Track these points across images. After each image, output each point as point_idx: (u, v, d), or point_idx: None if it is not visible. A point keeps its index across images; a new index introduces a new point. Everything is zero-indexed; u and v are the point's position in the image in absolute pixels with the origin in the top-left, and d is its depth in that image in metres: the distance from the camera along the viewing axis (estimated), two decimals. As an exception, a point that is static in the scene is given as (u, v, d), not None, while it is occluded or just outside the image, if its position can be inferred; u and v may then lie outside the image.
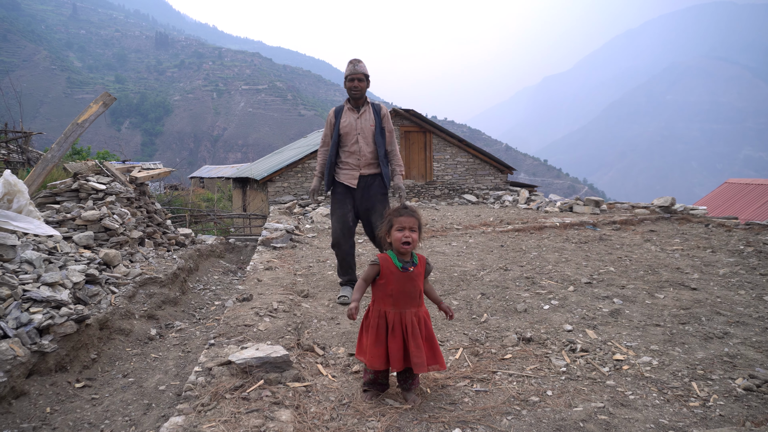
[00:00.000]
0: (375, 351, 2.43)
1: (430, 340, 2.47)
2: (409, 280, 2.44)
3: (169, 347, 4.55)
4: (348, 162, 4.33)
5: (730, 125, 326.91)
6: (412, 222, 2.45)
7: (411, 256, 2.50)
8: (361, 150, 4.27)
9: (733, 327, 3.33)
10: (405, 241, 2.43)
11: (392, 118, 15.66)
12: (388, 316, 2.45)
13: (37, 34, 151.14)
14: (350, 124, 4.28)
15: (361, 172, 4.32)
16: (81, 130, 7.26)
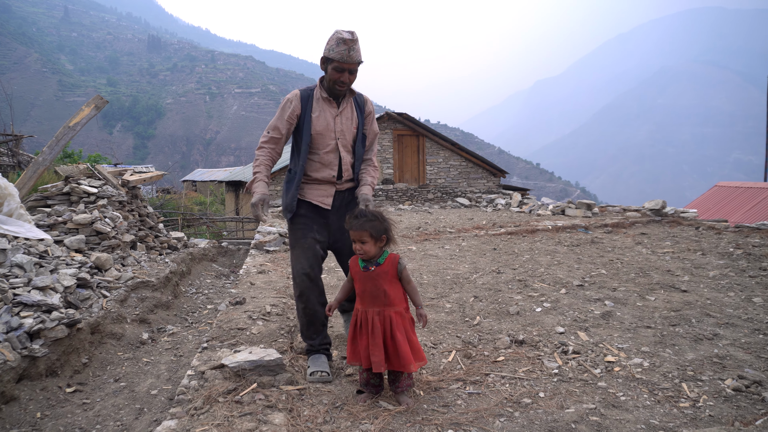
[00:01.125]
0: (349, 348, 2.55)
1: (395, 341, 2.41)
2: (370, 279, 2.46)
3: (162, 351, 4.53)
4: (319, 176, 2.95)
5: (720, 129, 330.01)
6: (360, 235, 2.44)
7: (377, 257, 2.50)
8: (343, 160, 2.96)
9: (723, 328, 3.37)
10: (359, 253, 2.49)
11: (385, 122, 15.73)
12: (359, 314, 2.52)
13: (28, 36, 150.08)
14: (326, 124, 2.90)
15: (338, 188, 3.01)
16: (73, 134, 7.23)
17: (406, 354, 2.39)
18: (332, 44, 2.74)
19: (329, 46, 2.76)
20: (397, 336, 2.42)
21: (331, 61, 2.78)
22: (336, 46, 2.73)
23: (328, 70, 2.83)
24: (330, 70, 2.81)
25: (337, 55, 2.74)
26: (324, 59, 2.83)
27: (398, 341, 2.41)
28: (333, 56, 2.75)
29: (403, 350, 2.40)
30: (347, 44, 2.72)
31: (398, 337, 2.42)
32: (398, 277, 2.50)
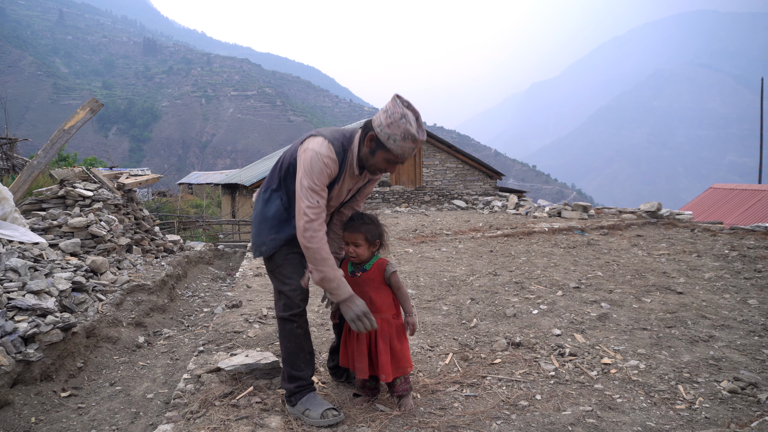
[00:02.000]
0: (342, 350, 2.55)
1: (377, 349, 2.38)
2: (356, 285, 2.44)
3: (158, 355, 4.51)
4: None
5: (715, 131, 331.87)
6: (355, 238, 2.45)
7: (366, 262, 2.50)
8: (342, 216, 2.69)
9: (719, 330, 3.38)
10: (351, 256, 2.49)
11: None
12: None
13: (22, 39, 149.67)
14: (340, 194, 2.53)
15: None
16: (68, 137, 7.20)
17: (384, 363, 2.35)
18: (395, 133, 2.25)
19: (391, 133, 2.25)
20: (379, 344, 2.38)
21: (387, 151, 2.30)
22: (401, 139, 2.25)
23: (376, 153, 2.34)
24: (380, 157, 2.34)
25: (398, 149, 2.28)
26: (377, 141, 2.31)
27: (379, 349, 2.37)
28: (393, 148, 2.28)
29: (383, 360, 2.36)
30: (416, 144, 2.28)
31: (380, 345, 2.38)
32: (386, 283, 2.48)
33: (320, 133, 2.39)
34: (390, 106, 2.29)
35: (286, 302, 2.43)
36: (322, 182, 2.28)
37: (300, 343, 2.45)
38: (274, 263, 2.48)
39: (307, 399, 2.39)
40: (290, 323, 2.43)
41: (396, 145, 2.27)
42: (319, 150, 2.28)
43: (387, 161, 2.34)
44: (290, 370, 2.43)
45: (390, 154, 2.31)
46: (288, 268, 2.46)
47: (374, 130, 2.31)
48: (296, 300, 2.43)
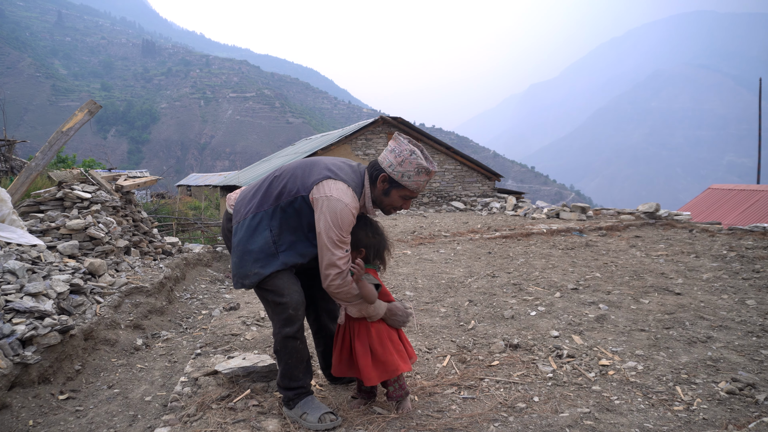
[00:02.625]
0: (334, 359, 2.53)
1: (354, 351, 2.37)
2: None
3: (156, 357, 4.51)
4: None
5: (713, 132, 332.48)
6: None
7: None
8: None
9: (716, 331, 3.38)
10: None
11: (380, 126, 15.75)
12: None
13: (21, 41, 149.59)
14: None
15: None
16: (66, 139, 7.20)
17: (363, 366, 2.33)
18: (409, 170, 2.28)
19: (404, 171, 2.28)
20: (356, 347, 2.36)
21: (402, 188, 2.33)
22: (416, 174, 2.28)
23: (391, 193, 2.35)
24: (396, 195, 2.36)
25: (414, 185, 2.31)
26: (389, 181, 2.33)
27: (356, 352, 2.36)
28: (408, 185, 2.30)
29: (361, 362, 2.33)
30: (430, 176, 2.33)
31: (357, 348, 2.36)
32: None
33: (339, 176, 2.28)
34: (395, 145, 2.31)
35: (288, 316, 2.32)
36: (348, 232, 2.24)
37: (300, 356, 2.39)
38: (263, 285, 2.35)
39: (305, 402, 2.37)
40: (293, 341, 2.35)
41: (411, 181, 2.29)
42: (347, 201, 2.21)
43: (403, 198, 2.36)
44: (288, 382, 2.38)
45: (406, 191, 2.33)
46: (284, 279, 2.34)
47: (385, 171, 2.31)
48: (299, 312, 2.35)
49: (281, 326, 2.34)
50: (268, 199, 2.34)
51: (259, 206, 2.35)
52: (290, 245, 2.32)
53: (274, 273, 2.32)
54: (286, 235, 2.32)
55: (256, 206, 2.36)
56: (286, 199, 2.30)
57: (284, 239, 2.31)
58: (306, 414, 2.32)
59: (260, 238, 2.31)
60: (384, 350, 2.34)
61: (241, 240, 2.33)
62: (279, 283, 2.32)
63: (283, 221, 2.31)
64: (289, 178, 2.35)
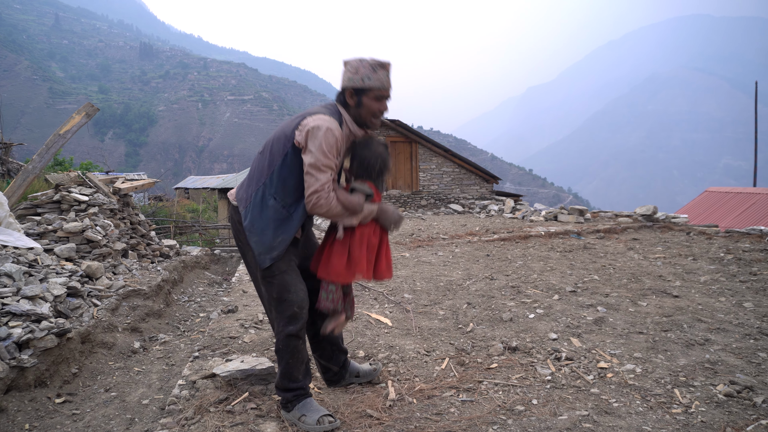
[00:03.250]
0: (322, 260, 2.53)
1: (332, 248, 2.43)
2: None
3: (153, 360, 4.49)
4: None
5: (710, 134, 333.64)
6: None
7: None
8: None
9: (714, 334, 3.38)
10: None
11: (378, 128, 15.77)
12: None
13: (18, 43, 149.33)
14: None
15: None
16: (63, 141, 7.18)
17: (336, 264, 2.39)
18: (365, 72, 2.34)
19: (361, 75, 2.33)
20: (336, 245, 2.41)
21: (368, 91, 2.35)
22: (373, 72, 2.34)
23: (363, 102, 2.37)
24: (368, 101, 2.36)
25: (377, 82, 2.34)
26: (356, 90, 2.36)
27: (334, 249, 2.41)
28: (372, 84, 2.34)
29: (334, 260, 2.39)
30: (386, 68, 2.37)
31: (336, 246, 2.41)
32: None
33: (314, 111, 2.34)
34: (346, 67, 2.39)
35: (293, 314, 2.34)
36: (333, 155, 2.25)
37: (301, 356, 2.40)
38: (277, 268, 2.35)
39: (303, 405, 2.36)
40: (296, 339, 2.36)
41: (373, 80, 2.33)
42: (327, 125, 2.24)
43: (376, 99, 2.36)
44: (288, 383, 2.38)
45: (374, 92, 2.35)
46: (292, 275, 2.37)
47: (348, 87, 2.36)
48: (303, 311, 2.37)
49: (285, 324, 2.35)
50: (263, 172, 2.37)
51: (258, 182, 2.37)
52: (297, 202, 2.34)
53: (288, 263, 2.36)
54: (290, 195, 2.34)
55: (255, 184, 2.39)
56: (278, 161, 2.33)
57: (290, 199, 2.34)
58: (304, 416, 2.31)
59: (269, 209, 2.33)
60: (360, 253, 2.38)
61: (254, 218, 2.35)
62: (287, 279, 2.35)
63: (282, 184, 2.33)
64: (273, 143, 2.38)
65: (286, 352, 2.36)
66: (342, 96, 2.41)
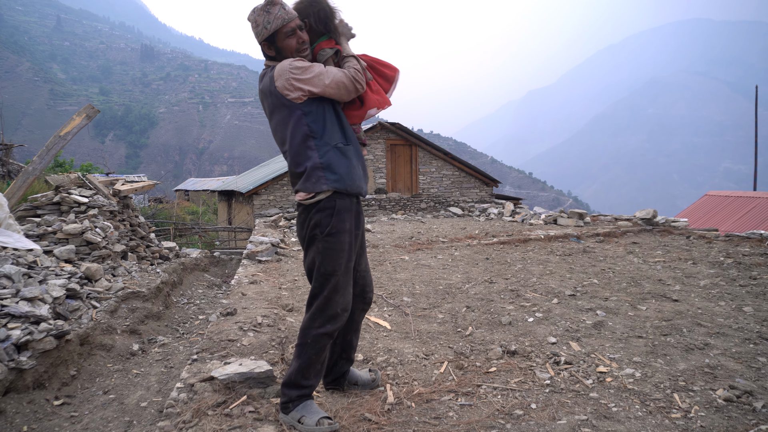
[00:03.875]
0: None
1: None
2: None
3: (152, 363, 4.49)
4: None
5: (710, 138, 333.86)
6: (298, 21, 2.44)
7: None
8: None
9: (714, 338, 3.38)
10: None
11: (378, 132, 15.78)
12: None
13: (20, 45, 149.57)
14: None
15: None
16: (63, 143, 7.19)
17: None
18: (263, 19, 2.32)
19: (262, 24, 2.32)
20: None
21: (278, 33, 2.33)
22: (268, 14, 2.31)
23: (279, 46, 2.36)
24: (282, 42, 2.35)
25: (278, 20, 2.30)
26: (267, 39, 2.35)
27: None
28: (276, 25, 2.30)
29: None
30: (276, 3, 2.31)
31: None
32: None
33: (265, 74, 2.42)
34: (251, 26, 2.39)
35: (335, 315, 2.33)
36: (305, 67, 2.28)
37: (324, 355, 2.38)
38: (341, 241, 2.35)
39: (303, 406, 2.34)
40: (328, 339, 2.33)
41: (270, 23, 2.31)
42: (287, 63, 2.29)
43: (288, 36, 2.34)
44: (300, 379, 2.33)
45: (281, 30, 2.32)
46: (347, 278, 2.39)
47: (261, 42, 2.38)
48: (346, 313, 2.38)
49: (324, 322, 2.32)
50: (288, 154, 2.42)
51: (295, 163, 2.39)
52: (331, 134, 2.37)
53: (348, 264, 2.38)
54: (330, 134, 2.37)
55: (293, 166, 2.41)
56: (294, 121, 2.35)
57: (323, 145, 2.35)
58: (304, 417, 2.28)
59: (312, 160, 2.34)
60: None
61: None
62: (341, 281, 2.35)
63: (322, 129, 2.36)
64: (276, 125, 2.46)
65: (314, 348, 2.32)
66: (264, 53, 2.44)
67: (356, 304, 2.61)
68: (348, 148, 2.39)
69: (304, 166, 2.34)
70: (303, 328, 2.37)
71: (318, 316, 2.34)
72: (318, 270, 2.35)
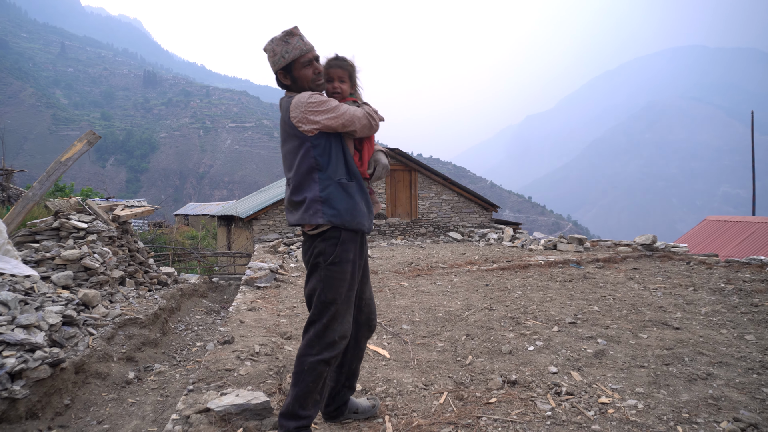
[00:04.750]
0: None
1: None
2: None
3: (147, 391, 4.42)
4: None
5: (708, 163, 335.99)
6: (340, 74, 2.52)
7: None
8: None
9: (717, 368, 3.34)
10: (335, 92, 2.52)
11: (378, 157, 15.88)
12: None
13: (24, 71, 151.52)
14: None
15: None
16: (64, 169, 7.22)
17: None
18: (281, 49, 2.39)
19: (280, 54, 2.40)
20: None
21: (295, 63, 2.41)
22: (287, 44, 2.39)
23: (295, 75, 2.43)
24: (299, 72, 2.43)
25: (295, 51, 2.39)
26: (284, 69, 2.44)
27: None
28: (294, 55, 2.39)
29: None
30: (296, 34, 2.40)
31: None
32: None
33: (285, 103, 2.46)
34: (267, 56, 2.47)
35: (333, 342, 2.34)
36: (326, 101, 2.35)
37: (323, 383, 2.36)
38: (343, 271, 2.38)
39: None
40: (325, 366, 2.33)
41: (288, 53, 2.39)
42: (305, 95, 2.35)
43: (304, 65, 2.42)
44: (298, 410, 2.29)
45: (298, 60, 2.41)
46: (347, 306, 2.41)
47: (275, 71, 2.46)
48: (345, 341, 2.40)
49: (321, 349, 2.32)
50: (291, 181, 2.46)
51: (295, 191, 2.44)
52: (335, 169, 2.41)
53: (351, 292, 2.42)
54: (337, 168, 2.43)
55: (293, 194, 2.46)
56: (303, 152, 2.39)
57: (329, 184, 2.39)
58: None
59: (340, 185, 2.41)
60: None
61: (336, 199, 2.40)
62: (341, 309, 2.37)
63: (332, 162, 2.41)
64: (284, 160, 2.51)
65: (311, 375, 2.30)
66: (278, 82, 2.50)
67: (362, 331, 2.66)
68: (351, 185, 2.42)
69: (304, 196, 2.38)
70: (300, 355, 2.35)
71: (315, 343, 2.34)
72: (318, 297, 2.37)
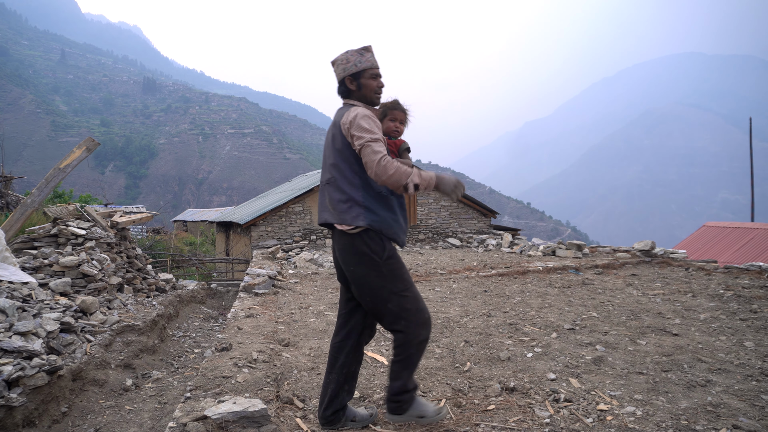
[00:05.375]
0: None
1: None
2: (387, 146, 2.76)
3: (145, 398, 4.41)
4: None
5: (706, 169, 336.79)
6: (403, 116, 2.80)
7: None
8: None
9: (715, 374, 3.33)
10: (394, 131, 2.77)
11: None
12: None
13: (24, 78, 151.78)
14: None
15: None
16: (63, 175, 7.22)
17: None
18: (355, 59, 2.67)
19: (353, 62, 2.66)
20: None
21: (364, 72, 2.68)
22: (360, 56, 2.67)
23: (362, 84, 2.68)
24: (366, 81, 2.68)
25: (367, 62, 2.68)
26: (354, 75, 2.68)
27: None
28: (364, 66, 2.67)
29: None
30: (370, 50, 2.71)
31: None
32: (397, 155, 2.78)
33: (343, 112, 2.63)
34: (336, 64, 2.73)
35: (427, 320, 2.61)
36: (374, 128, 2.49)
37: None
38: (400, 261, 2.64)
39: (416, 404, 2.67)
40: (427, 343, 2.65)
41: (363, 63, 2.67)
42: (358, 110, 2.54)
43: (372, 78, 2.69)
44: (410, 383, 2.63)
45: (367, 71, 2.68)
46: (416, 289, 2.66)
47: (345, 77, 2.70)
48: (431, 321, 2.66)
49: (421, 329, 2.58)
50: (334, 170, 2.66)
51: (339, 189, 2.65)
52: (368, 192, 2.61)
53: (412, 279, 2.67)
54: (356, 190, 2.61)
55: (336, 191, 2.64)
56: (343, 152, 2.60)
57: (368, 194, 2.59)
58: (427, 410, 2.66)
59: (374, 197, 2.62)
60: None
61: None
62: (416, 291, 2.65)
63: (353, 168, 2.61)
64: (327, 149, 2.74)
65: (419, 355, 2.61)
66: (343, 86, 2.72)
67: (365, 336, 2.78)
68: (391, 198, 2.65)
69: (348, 195, 2.58)
70: (402, 344, 2.57)
71: (413, 326, 2.56)
72: (391, 292, 2.56)
